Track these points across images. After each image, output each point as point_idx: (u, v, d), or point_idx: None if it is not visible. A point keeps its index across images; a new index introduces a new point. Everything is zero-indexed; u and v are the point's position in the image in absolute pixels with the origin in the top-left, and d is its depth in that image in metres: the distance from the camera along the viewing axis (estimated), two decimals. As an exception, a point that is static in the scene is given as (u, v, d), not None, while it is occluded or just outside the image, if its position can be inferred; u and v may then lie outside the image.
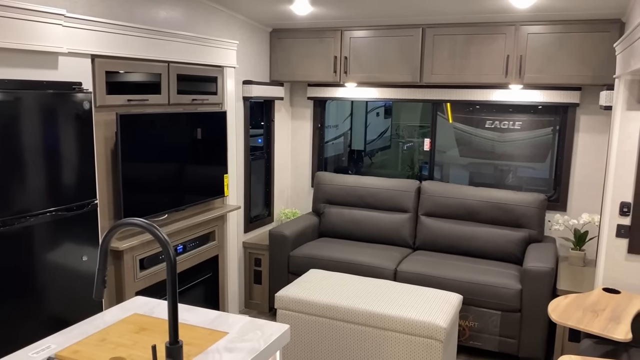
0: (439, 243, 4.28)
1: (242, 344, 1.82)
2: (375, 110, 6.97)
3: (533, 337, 3.59)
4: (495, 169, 4.72)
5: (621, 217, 3.12)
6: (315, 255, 4.17)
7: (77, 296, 2.74)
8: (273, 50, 4.62)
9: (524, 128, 4.50)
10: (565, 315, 2.75)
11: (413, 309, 3.21)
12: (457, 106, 4.77)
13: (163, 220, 3.42)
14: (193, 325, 1.97)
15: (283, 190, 5.12)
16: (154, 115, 3.24)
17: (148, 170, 3.22)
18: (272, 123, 4.77)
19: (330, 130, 5.53)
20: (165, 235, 1.54)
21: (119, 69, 3.05)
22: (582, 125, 4.12)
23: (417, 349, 3.13)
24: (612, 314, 2.77)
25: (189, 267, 3.66)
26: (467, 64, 4.02)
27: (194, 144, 3.59)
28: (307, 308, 3.38)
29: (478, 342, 3.74)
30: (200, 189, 3.68)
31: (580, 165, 4.16)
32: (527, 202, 4.06)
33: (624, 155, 3.07)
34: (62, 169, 2.62)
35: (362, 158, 6.45)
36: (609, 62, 3.63)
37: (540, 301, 3.53)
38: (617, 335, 2.52)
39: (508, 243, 4.06)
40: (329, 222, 4.64)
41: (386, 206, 4.52)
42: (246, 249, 4.54)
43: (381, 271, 3.95)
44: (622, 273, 3.17)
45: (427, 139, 4.74)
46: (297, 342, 3.43)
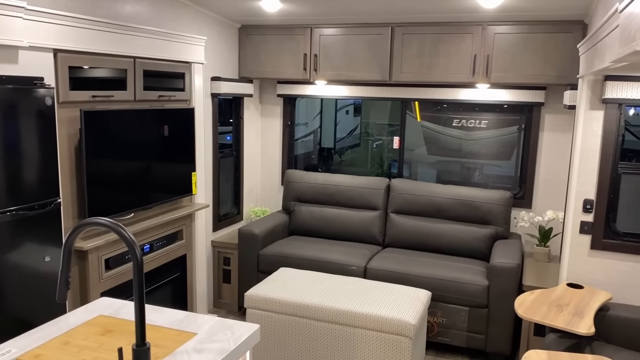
0: (408, 240, 4.32)
1: (211, 345, 1.79)
2: (345, 108, 6.99)
3: (500, 332, 3.65)
4: (462, 167, 4.78)
5: (584, 214, 3.20)
6: (285, 254, 4.15)
7: (40, 298, 2.66)
8: (242, 46, 4.58)
9: (490, 126, 4.57)
10: (531, 310, 2.80)
11: (382, 306, 3.23)
12: (425, 105, 4.82)
13: (129, 219, 3.35)
14: (160, 327, 1.93)
15: (252, 188, 5.08)
16: (119, 111, 3.17)
17: (113, 168, 3.15)
18: (241, 120, 4.73)
19: (300, 128, 5.51)
20: (132, 235, 1.50)
21: (83, 64, 2.96)
22: (547, 124, 4.21)
23: (387, 346, 3.14)
24: (575, 308, 2.83)
25: (156, 267, 3.60)
26: (435, 63, 4.06)
27: (161, 141, 3.53)
28: (277, 307, 3.36)
29: (446, 337, 3.79)
30: (168, 187, 3.62)
31: (545, 164, 4.25)
32: (494, 200, 4.13)
33: (588, 154, 3.15)
34: (22, 167, 2.53)
35: (332, 156, 6.45)
36: (572, 62, 3.72)
37: (507, 297, 3.59)
38: (581, 330, 2.58)
39: (475, 240, 4.12)
40: (299, 220, 4.62)
41: (356, 204, 4.53)
42: (215, 248, 4.49)
43: (351, 269, 3.96)
44: (585, 268, 3.25)
45: (397, 137, 4.76)
46: (267, 341, 3.41)
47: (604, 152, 3.11)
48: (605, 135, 3.10)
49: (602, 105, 3.07)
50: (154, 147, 3.46)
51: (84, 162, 2.91)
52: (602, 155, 3.12)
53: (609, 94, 2.99)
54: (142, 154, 3.36)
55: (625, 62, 1.72)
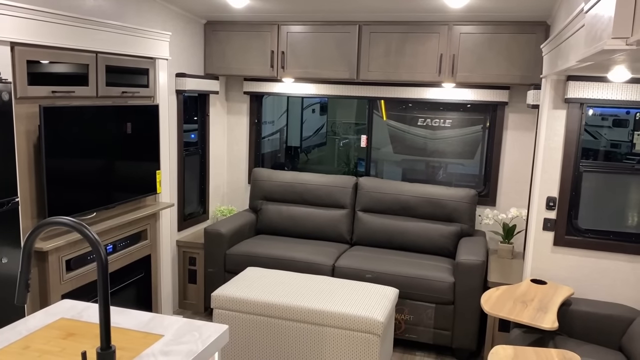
0: (375, 238, 4.33)
1: (178, 347, 1.74)
2: (311, 107, 6.98)
3: (465, 328, 3.70)
4: (427, 166, 4.83)
5: (547, 211, 3.27)
6: (253, 253, 4.11)
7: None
8: (208, 43, 4.51)
9: (454, 126, 4.63)
10: (497, 306, 2.84)
11: (350, 304, 3.23)
12: (391, 104, 4.84)
13: (91, 218, 3.25)
14: (126, 329, 1.87)
15: (219, 187, 5.01)
16: (80, 108, 3.07)
17: (74, 166, 3.05)
18: (207, 118, 4.65)
19: (267, 126, 5.47)
20: (96, 234, 1.45)
21: (42, 58, 2.86)
22: (511, 123, 4.29)
23: (355, 344, 3.14)
24: (539, 304, 2.89)
25: (120, 268, 3.51)
26: (402, 62, 4.08)
27: (124, 139, 3.44)
28: (245, 307, 3.32)
29: (413, 334, 3.81)
30: (131, 186, 3.53)
31: (509, 162, 4.33)
32: (459, 197, 4.18)
33: (551, 152, 3.22)
34: (-22, 165, 2.43)
35: (298, 154, 6.43)
36: (535, 62, 3.79)
37: (472, 293, 3.64)
38: (545, 325, 2.63)
39: (441, 237, 4.17)
40: (267, 219, 4.58)
41: (324, 202, 4.52)
42: (180, 248, 4.41)
43: (319, 267, 3.95)
44: (548, 264, 3.32)
45: (364, 136, 4.77)
46: (235, 342, 3.37)
47: (566, 151, 3.19)
48: (568, 134, 3.18)
49: (565, 105, 3.15)
50: (117, 144, 3.37)
51: (44, 160, 2.81)
52: (565, 154, 3.19)
53: (572, 93, 3.06)
54: (104, 151, 3.27)
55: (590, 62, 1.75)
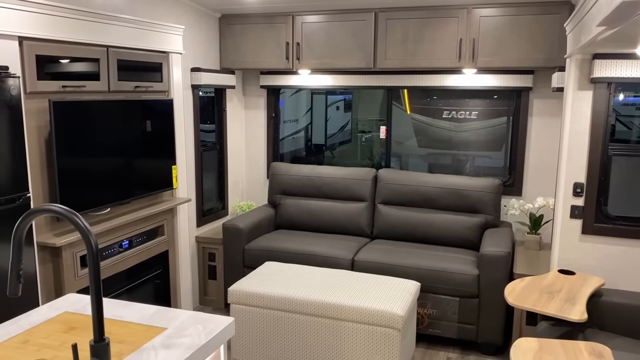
0: (396, 231, 4.22)
1: (180, 340, 1.68)
2: (335, 104, 6.90)
3: (491, 322, 3.56)
4: (453, 159, 4.69)
5: (575, 198, 3.11)
6: (271, 248, 4.05)
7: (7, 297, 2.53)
8: (223, 36, 4.46)
9: (480, 117, 4.48)
10: (521, 298, 2.71)
11: (370, 298, 3.13)
12: (415, 97, 4.72)
13: (105, 214, 3.24)
14: (128, 322, 1.82)
15: (237, 182, 4.97)
16: (92, 102, 3.05)
17: (87, 161, 3.03)
18: (224, 113, 4.61)
19: (291, 124, 5.41)
20: (86, 223, 1.39)
21: (52, 53, 2.84)
22: (536, 109, 4.12)
23: (375, 339, 3.05)
24: (567, 295, 2.75)
25: (137, 264, 3.48)
26: (420, 48, 3.96)
27: (138, 134, 3.41)
28: (262, 301, 3.26)
29: (437, 329, 3.69)
30: (147, 182, 3.50)
31: (535, 150, 4.16)
32: (483, 188, 4.04)
33: (577, 136, 3.06)
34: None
35: (322, 152, 6.36)
36: (559, 44, 3.63)
37: (498, 286, 3.51)
38: (573, 316, 2.49)
39: (465, 229, 4.03)
40: (285, 213, 4.52)
41: (343, 195, 4.43)
42: (199, 244, 4.38)
43: (338, 261, 3.86)
44: (577, 254, 3.16)
45: (383, 127, 4.67)
46: (253, 337, 3.31)
47: (594, 134, 3.03)
48: (595, 116, 3.02)
49: (591, 85, 2.98)
50: (130, 139, 3.34)
51: (54, 155, 2.79)
52: (592, 137, 3.03)
53: (598, 72, 2.90)
54: (118, 146, 3.24)
55: (614, 27, 1.62)
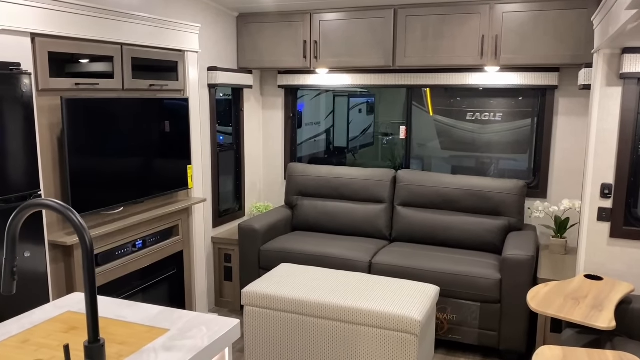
0: (416, 234, 4.11)
1: (182, 342, 1.62)
2: (358, 107, 6.83)
3: (514, 329, 3.43)
4: (476, 162, 4.57)
5: (602, 199, 2.97)
6: (287, 249, 3.98)
7: (18, 295, 2.51)
8: (240, 35, 4.42)
9: (504, 119, 4.35)
10: (545, 303, 2.58)
11: (387, 302, 3.04)
12: (438, 98, 4.61)
13: (119, 213, 3.20)
14: (131, 323, 1.76)
15: (255, 183, 4.91)
16: (106, 100, 3.02)
17: (100, 159, 3.00)
18: (242, 113, 4.56)
19: (313, 127, 5.36)
20: (81, 219, 1.34)
21: (64, 49, 2.82)
22: (562, 109, 3.97)
23: (392, 344, 2.95)
24: (594, 301, 2.61)
25: (151, 264, 3.44)
26: (441, 45, 3.85)
27: (153, 133, 3.38)
28: (276, 304, 3.18)
29: (457, 335, 3.57)
30: (161, 181, 3.46)
31: (560, 150, 4.01)
32: (506, 189, 3.90)
33: (604, 134, 2.92)
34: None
35: (344, 155, 6.28)
36: (586, 40, 3.48)
37: (521, 291, 3.37)
38: (600, 324, 2.36)
39: (487, 232, 3.90)
40: (302, 214, 4.44)
41: (361, 197, 4.33)
42: (215, 245, 4.33)
43: (355, 264, 3.77)
44: (605, 258, 3.02)
45: (403, 127, 4.56)
46: (266, 340, 3.24)
47: (623, 132, 2.88)
48: (624, 114, 2.87)
49: (620, 81, 2.84)
50: (145, 138, 3.31)
51: (66, 152, 2.76)
52: (621, 136, 2.89)
53: (628, 67, 2.76)
54: (132, 145, 3.21)
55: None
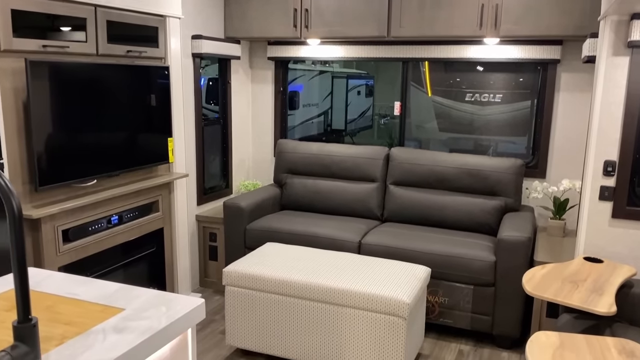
0: (408, 214, 3.94)
1: (136, 323, 1.45)
2: (356, 88, 6.68)
3: (508, 314, 3.27)
4: (475, 144, 4.39)
5: (605, 177, 2.79)
6: (274, 228, 3.81)
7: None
8: (227, 3, 4.19)
9: (504, 101, 4.16)
10: (541, 286, 2.42)
11: (374, 283, 2.87)
12: (437, 79, 4.41)
13: (92, 186, 3.02)
14: (83, 301, 1.59)
15: (243, 160, 4.73)
16: (77, 65, 2.82)
17: (70, 128, 2.81)
18: (228, 85, 4.36)
19: (310, 108, 5.19)
20: (8, 181, 1.15)
21: (31, 8, 2.61)
22: (563, 84, 3.78)
23: (379, 327, 2.79)
24: (594, 285, 2.45)
25: (128, 241, 3.27)
26: (438, 15, 3.64)
27: (130, 102, 3.18)
28: (259, 284, 3.02)
29: (449, 319, 3.42)
30: (139, 154, 3.28)
31: (561, 128, 3.83)
32: (503, 168, 3.72)
33: (609, 107, 2.73)
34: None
35: (342, 138, 6.14)
36: (592, 10, 3.28)
37: (516, 274, 3.21)
38: (600, 309, 2.20)
39: (482, 212, 3.73)
40: (292, 193, 4.26)
41: (352, 175, 4.15)
42: (200, 223, 4.16)
43: (344, 244, 3.60)
44: (606, 240, 2.85)
45: (398, 102, 4.37)
46: (248, 322, 3.08)
47: (629, 105, 2.69)
48: (631, 86, 2.68)
49: (628, 50, 2.65)
50: (120, 107, 3.11)
51: (31, 119, 2.57)
52: (627, 109, 2.70)
53: (636, 35, 2.56)
54: (106, 114, 3.01)
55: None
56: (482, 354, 3.33)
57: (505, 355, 3.31)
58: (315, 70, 5.78)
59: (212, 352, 3.28)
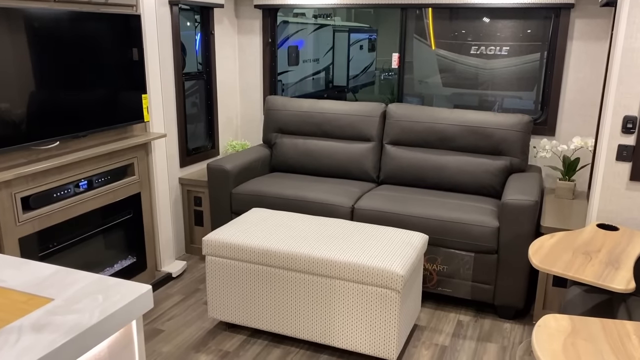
0: (406, 175, 3.67)
1: (63, 318, 1.20)
2: (359, 43, 6.38)
3: (511, 282, 3.04)
4: (480, 99, 4.08)
5: (624, 135, 2.49)
6: (261, 192, 3.54)
7: None
8: (208, -55, 3.81)
9: (511, 53, 3.81)
10: (549, 259, 2.16)
11: (366, 253, 2.63)
12: (441, 31, 4.05)
13: (55, 149, 2.75)
14: (7, 289, 1.34)
15: (231, 119, 4.43)
16: (32, 11, 2.49)
17: (24, 83, 2.51)
18: (212, 37, 4.02)
19: (311, 64, 4.90)
20: None
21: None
22: (577, 32, 3.43)
23: (370, 301, 2.56)
24: (609, 256, 2.19)
25: (99, 207, 3.02)
26: (439, -46, 3.27)
27: (96, 55, 2.87)
28: (241, 254, 2.78)
29: (447, 288, 3.19)
30: (108, 112, 2.99)
31: (573, 81, 3.50)
32: (509, 125, 3.42)
33: (631, 56, 2.40)
34: None
35: (344, 95, 5.85)
36: (613, -55, 2.90)
37: (521, 241, 2.96)
38: (617, 285, 1.94)
39: (485, 174, 3.45)
40: (281, 154, 3.98)
41: (346, 134, 3.86)
42: (184, 186, 3.90)
43: (336, 209, 3.34)
44: (622, 205, 2.57)
45: (396, 54, 4.03)
46: (231, 294, 2.86)
47: (655, 53, 2.37)
48: (657, 31, 2.35)
49: (655, -11, 2.31)
50: (84, 60, 2.80)
51: (-24, 74, 2.28)
52: (652, 58, 2.38)
53: (667, -31, 2.22)
54: (67, 68, 2.71)
55: None
56: (483, 324, 3.11)
57: (508, 326, 3.10)
58: (316, 24, 5.46)
59: (195, 325, 3.08)
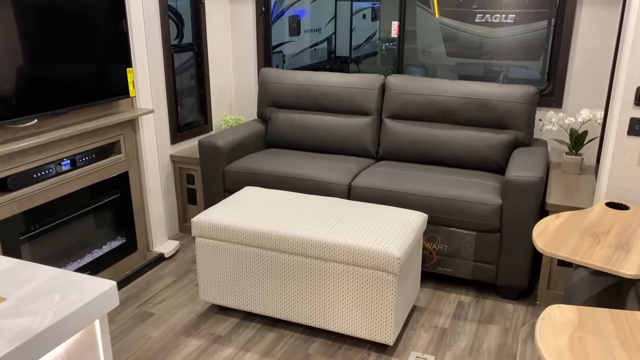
0: (406, 151, 3.52)
1: (11, 322, 1.08)
2: (362, 12, 6.17)
3: (514, 262, 2.91)
4: (485, 69, 3.90)
5: (637, 107, 2.33)
6: (255, 170, 3.41)
7: None
8: None
9: (518, 21, 3.61)
10: (555, 242, 2.03)
11: (362, 234, 2.50)
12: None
13: (34, 127, 2.61)
14: (-44, 287, 1.22)
15: (224, 93, 4.26)
16: (-1, -19, 2.33)
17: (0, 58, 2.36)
18: (202, 6, 3.83)
19: (313, 34, 4.71)
20: None
21: None
22: (587, -3, 3.23)
23: (366, 283, 2.45)
24: (619, 238, 2.05)
25: (83, 187, 2.89)
26: None
27: (75, 27, 2.70)
28: (232, 235, 2.66)
29: (448, 268, 3.07)
30: (90, 88, 2.83)
31: (582, 50, 3.32)
32: (514, 97, 3.25)
33: (647, 22, 2.23)
34: None
35: (347, 65, 5.69)
36: None
37: (525, 219, 2.83)
38: (627, 271, 1.81)
39: (489, 148, 3.30)
40: (276, 129, 3.83)
41: (344, 108, 3.70)
42: (175, 164, 3.77)
43: (332, 187, 3.21)
44: (633, 182, 2.42)
45: (395, 22, 3.84)
46: (222, 277, 2.75)
47: (672, 18, 2.19)
48: (676, -6, 2.17)
49: (675, -53, 2.12)
50: (62, 33, 2.64)
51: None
52: (669, 23, 2.20)
53: None
54: (43, 41, 2.55)
55: None
56: (485, 305, 3.01)
57: (511, 307, 2.99)
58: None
59: (187, 307, 2.98)
